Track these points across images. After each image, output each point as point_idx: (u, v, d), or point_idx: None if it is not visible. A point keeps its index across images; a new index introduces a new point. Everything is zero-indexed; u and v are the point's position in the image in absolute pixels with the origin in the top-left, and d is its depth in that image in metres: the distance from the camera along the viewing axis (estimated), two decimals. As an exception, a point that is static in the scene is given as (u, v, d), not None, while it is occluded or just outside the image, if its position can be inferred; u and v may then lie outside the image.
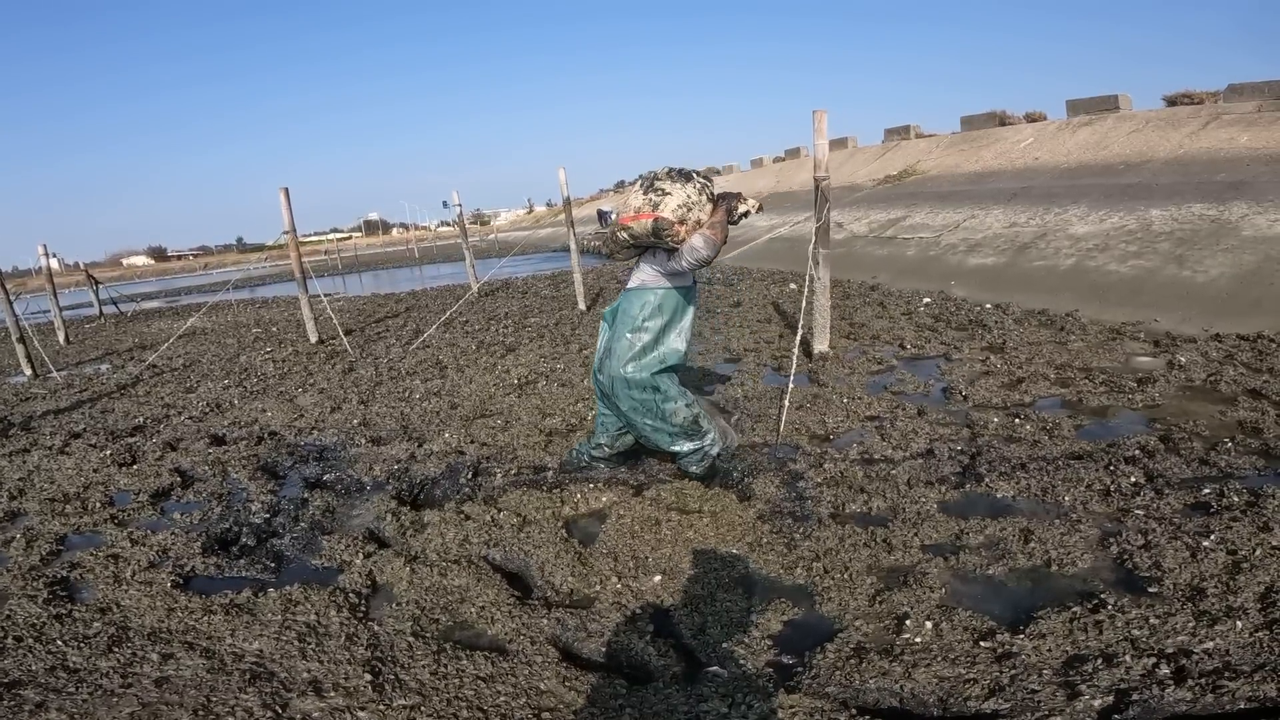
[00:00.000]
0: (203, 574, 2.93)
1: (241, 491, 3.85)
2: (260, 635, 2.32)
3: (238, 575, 2.90)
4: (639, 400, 3.16)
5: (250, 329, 11.33)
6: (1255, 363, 4.26)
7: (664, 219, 2.92)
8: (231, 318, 13.41)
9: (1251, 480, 2.82)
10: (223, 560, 3.01)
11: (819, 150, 4.90)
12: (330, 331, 9.31)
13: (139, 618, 2.56)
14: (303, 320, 9.76)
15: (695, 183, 2.99)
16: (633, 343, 3.14)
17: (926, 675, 1.86)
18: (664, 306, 3.12)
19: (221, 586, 2.76)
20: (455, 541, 2.89)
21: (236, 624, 2.41)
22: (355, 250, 51.59)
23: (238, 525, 3.36)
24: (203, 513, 3.56)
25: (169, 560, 3.03)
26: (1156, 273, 6.15)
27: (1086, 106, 11.33)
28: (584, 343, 6.81)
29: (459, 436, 4.31)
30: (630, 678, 1.99)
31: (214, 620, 2.46)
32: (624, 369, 3.14)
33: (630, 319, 3.15)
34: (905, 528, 2.67)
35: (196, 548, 3.10)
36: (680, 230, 2.94)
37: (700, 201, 2.98)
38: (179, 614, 2.53)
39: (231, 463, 4.28)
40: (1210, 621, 1.95)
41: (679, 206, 2.93)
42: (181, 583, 2.83)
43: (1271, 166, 7.15)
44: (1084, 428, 3.58)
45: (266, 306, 15.43)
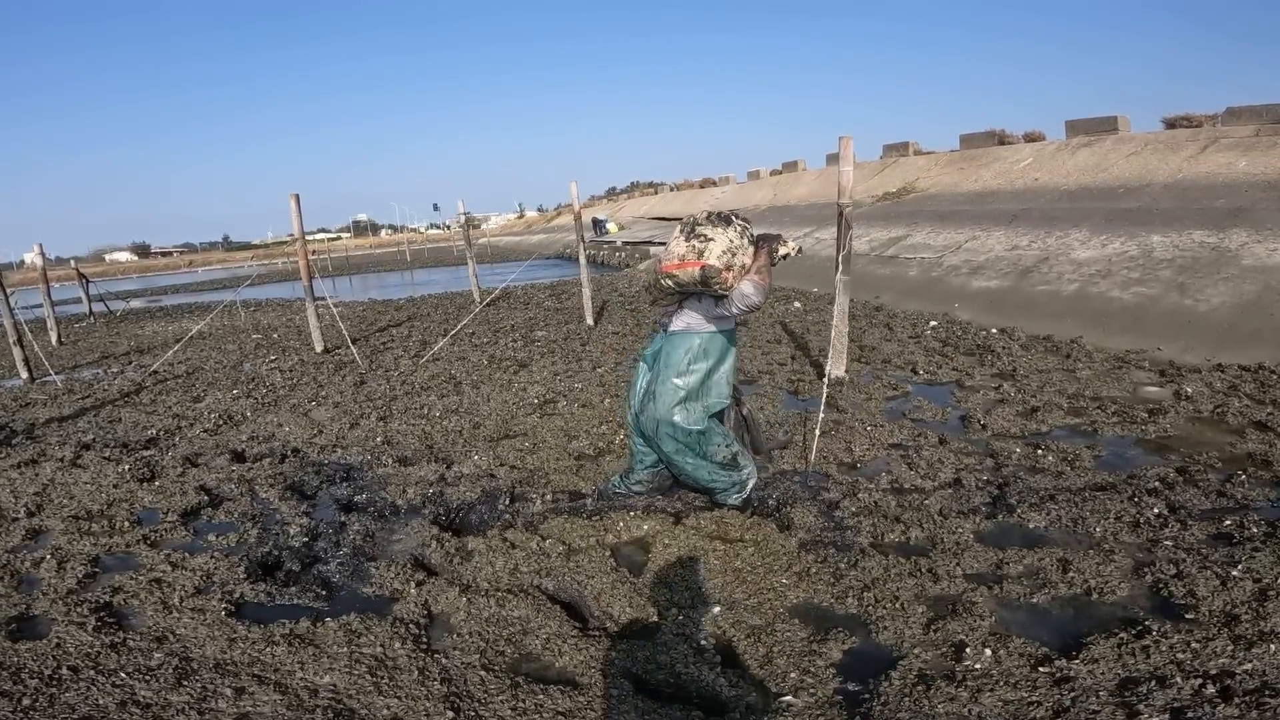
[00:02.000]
0: (253, 601, 2.92)
1: (274, 513, 3.84)
2: (330, 669, 2.34)
3: (290, 603, 2.90)
4: (683, 443, 3.19)
5: (250, 334, 11.26)
6: (1259, 394, 4.43)
7: (712, 266, 2.93)
8: (228, 321, 13.31)
9: (1267, 512, 2.96)
10: (271, 587, 3.01)
11: (844, 178, 5.02)
12: (335, 340, 9.30)
13: (199, 648, 2.54)
14: (305, 327, 9.74)
15: (735, 226, 3.01)
16: (679, 388, 3.16)
17: (992, 699, 1.96)
18: (709, 350, 3.15)
19: (276, 615, 2.76)
20: (505, 570, 2.93)
21: (303, 656, 2.42)
22: (346, 252, 51.21)
23: (278, 549, 3.36)
24: (239, 535, 3.56)
25: (215, 586, 3.01)
26: (1159, 300, 6.35)
27: (1085, 127, 11.61)
28: (596, 360, 6.88)
29: (487, 459, 4.35)
30: (706, 709, 2.06)
31: (278, 651, 2.46)
32: (671, 414, 3.16)
33: (675, 363, 3.17)
34: (947, 557, 2.76)
35: (241, 573, 3.10)
36: (728, 277, 2.95)
37: (743, 245, 3.00)
38: (240, 644, 2.52)
39: (258, 481, 4.29)
40: (1247, 645, 2.09)
41: (724, 252, 2.95)
42: (235, 610, 2.82)
43: (1270, 192, 7.39)
44: (1102, 458, 3.71)
45: (263, 310, 15.32)
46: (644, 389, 3.34)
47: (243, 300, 16.44)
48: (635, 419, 3.42)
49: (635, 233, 26.22)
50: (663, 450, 3.27)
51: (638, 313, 9.89)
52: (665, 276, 3.08)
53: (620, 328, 8.68)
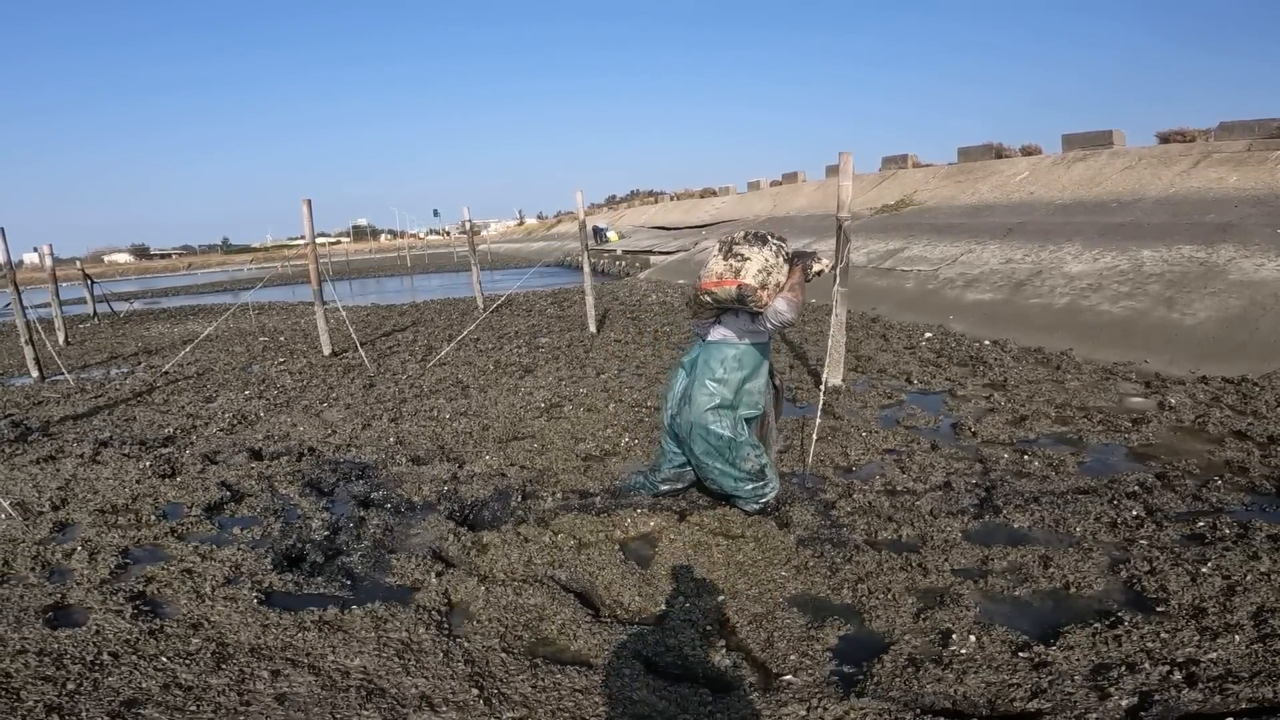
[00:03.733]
0: (281, 590, 3.07)
1: (295, 508, 4.01)
2: (360, 653, 2.49)
3: (317, 593, 3.04)
4: (714, 446, 3.32)
5: (257, 337, 11.42)
6: (1240, 405, 4.62)
7: (748, 285, 3.09)
8: (233, 324, 13.46)
9: (1240, 514, 3.15)
10: (298, 577, 3.16)
11: (844, 191, 5.22)
12: (341, 344, 9.46)
13: (234, 634, 2.67)
14: (313, 330, 9.90)
15: (771, 245, 3.17)
16: (714, 393, 3.31)
17: (976, 681, 2.14)
18: (744, 361, 3.30)
19: (305, 603, 2.90)
20: (520, 562, 3.10)
21: (334, 641, 2.57)
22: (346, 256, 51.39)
23: (302, 542, 3.51)
24: (263, 529, 3.71)
25: (244, 576, 3.16)
26: (1147, 314, 6.55)
27: (1081, 141, 11.82)
28: (599, 366, 7.06)
29: (498, 459, 4.53)
30: (713, 687, 2.23)
31: (309, 637, 2.60)
32: (705, 419, 3.30)
33: (711, 371, 3.32)
34: (936, 554, 2.94)
35: (268, 564, 3.25)
36: (763, 295, 3.11)
37: (778, 264, 3.16)
38: (273, 630, 2.67)
39: (277, 478, 4.45)
40: (1212, 635, 2.26)
41: (759, 271, 3.10)
42: (265, 599, 2.96)
43: (1259, 208, 7.60)
44: (1086, 464, 3.90)
45: (267, 313, 15.48)
46: (680, 393, 3.49)
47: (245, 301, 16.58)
48: (670, 421, 3.56)
49: (635, 241, 26.45)
50: (694, 452, 3.40)
51: (639, 321, 10.08)
52: (704, 294, 3.25)
53: (622, 335, 8.86)
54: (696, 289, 3.30)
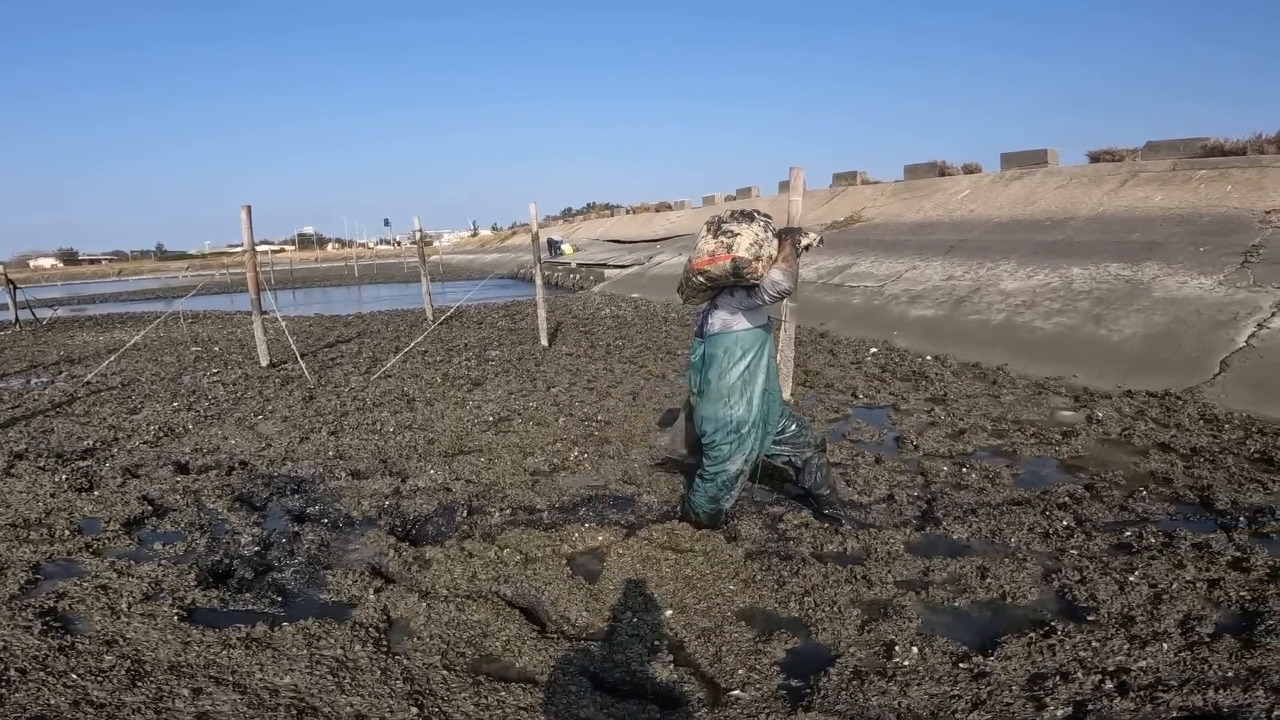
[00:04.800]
0: (205, 607, 2.95)
1: (223, 523, 3.85)
2: (290, 670, 2.40)
3: (244, 609, 2.93)
4: (720, 440, 3.28)
5: (189, 346, 10.93)
6: (1164, 418, 4.85)
7: (742, 258, 3.06)
8: (165, 333, 12.86)
9: (1165, 524, 3.29)
10: (224, 594, 3.04)
11: (794, 207, 5.31)
12: (280, 354, 9.14)
13: (152, 651, 2.57)
14: (251, 340, 9.55)
15: (759, 221, 3.15)
16: (722, 384, 3.26)
17: (919, 693, 2.16)
18: (747, 346, 3.24)
19: (230, 620, 2.79)
20: (464, 577, 3.02)
21: (261, 658, 2.47)
22: (290, 265, 49.89)
23: (229, 558, 3.38)
24: (186, 544, 3.56)
25: (165, 592, 3.03)
26: (1077, 330, 6.85)
27: (1018, 160, 12.33)
28: (550, 380, 6.99)
29: (443, 473, 4.41)
30: (660, 703, 2.20)
31: (235, 654, 2.50)
32: (715, 408, 3.27)
33: (718, 363, 3.27)
34: (879, 566, 2.98)
35: (191, 580, 3.11)
36: (758, 266, 3.08)
37: (767, 238, 3.13)
38: (195, 648, 2.56)
39: (204, 492, 4.26)
40: (1142, 644, 2.34)
41: (752, 244, 3.07)
42: (186, 616, 2.85)
43: (1183, 227, 8.04)
44: (1020, 476, 4.03)
45: (201, 322, 14.85)
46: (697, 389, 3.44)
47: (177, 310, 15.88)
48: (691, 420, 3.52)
49: (590, 255, 26.44)
50: (703, 434, 3.35)
51: (592, 335, 10.04)
52: (697, 274, 3.20)
53: (574, 349, 8.81)
54: (689, 270, 3.25)
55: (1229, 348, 5.67)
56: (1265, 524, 3.19)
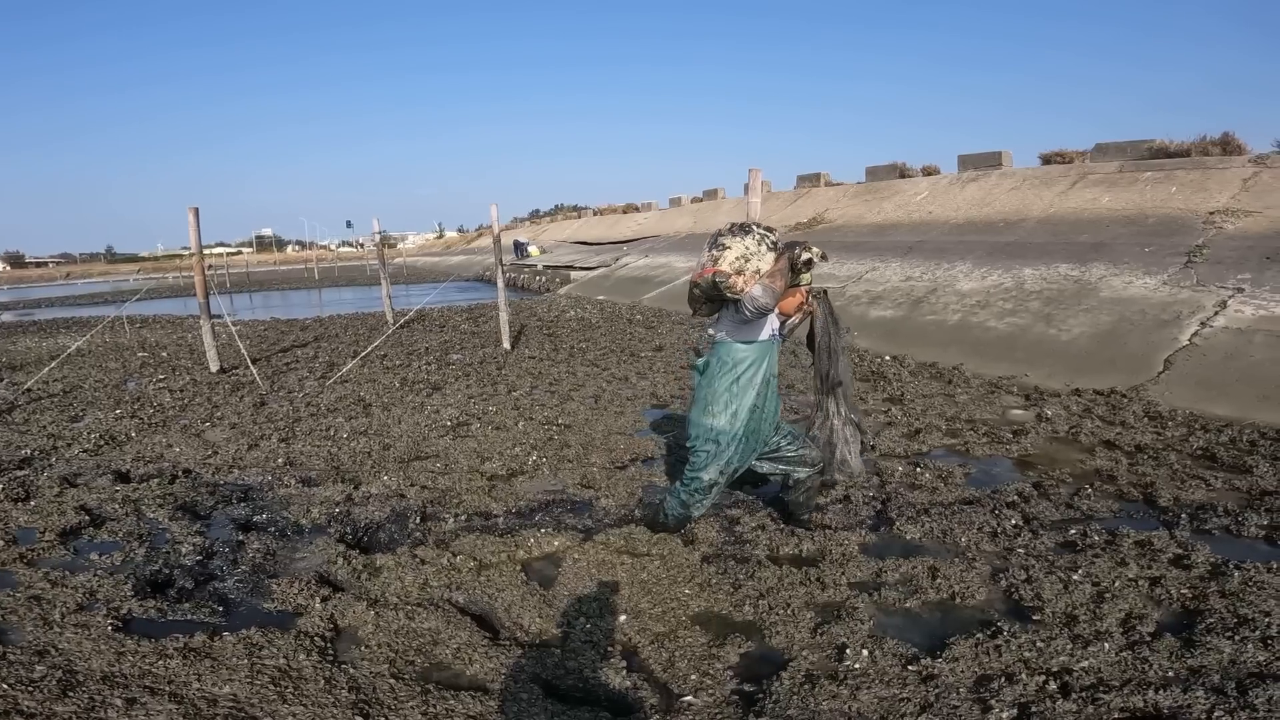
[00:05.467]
0: (141, 617, 2.86)
1: (163, 532, 3.73)
2: (230, 680, 2.33)
3: (183, 619, 2.85)
4: (699, 446, 3.25)
5: (135, 352, 10.56)
6: (1110, 416, 4.99)
7: (721, 271, 3.05)
8: (111, 338, 12.41)
9: (1109, 522, 3.36)
10: (162, 604, 2.95)
11: (753, 208, 5.32)
12: (232, 359, 8.89)
13: (84, 661, 2.49)
14: (199, 346, 9.27)
15: (754, 234, 3.12)
16: (714, 392, 3.23)
17: (869, 696, 2.16)
18: (739, 360, 3.21)
19: (168, 630, 2.72)
20: (415, 585, 2.96)
21: (199, 668, 2.40)
22: (246, 268, 48.65)
23: (169, 567, 3.29)
24: (124, 554, 3.45)
25: (100, 603, 2.94)
26: (1028, 330, 7.02)
27: (975, 162, 12.57)
28: (511, 384, 6.91)
29: (397, 480, 4.32)
30: (613, 710, 2.17)
31: (171, 664, 2.44)
32: (698, 414, 3.26)
33: (710, 371, 3.27)
34: (834, 567, 2.99)
35: (127, 590, 3.03)
36: (737, 281, 3.04)
37: (759, 251, 3.09)
38: (130, 658, 2.49)
39: (145, 501, 4.12)
40: (1084, 644, 2.36)
41: (736, 259, 3.06)
42: (121, 626, 2.77)
43: (1128, 227, 8.30)
44: (972, 475, 4.09)
45: (150, 327, 14.36)
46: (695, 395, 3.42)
47: (128, 316, 15.34)
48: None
49: (557, 256, 26.32)
50: (686, 439, 3.34)
51: (556, 337, 9.97)
52: (694, 286, 3.23)
53: (537, 352, 8.73)
54: (690, 283, 3.28)
55: (1173, 346, 5.86)
56: (1206, 521, 3.28)
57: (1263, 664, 2.19)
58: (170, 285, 33.54)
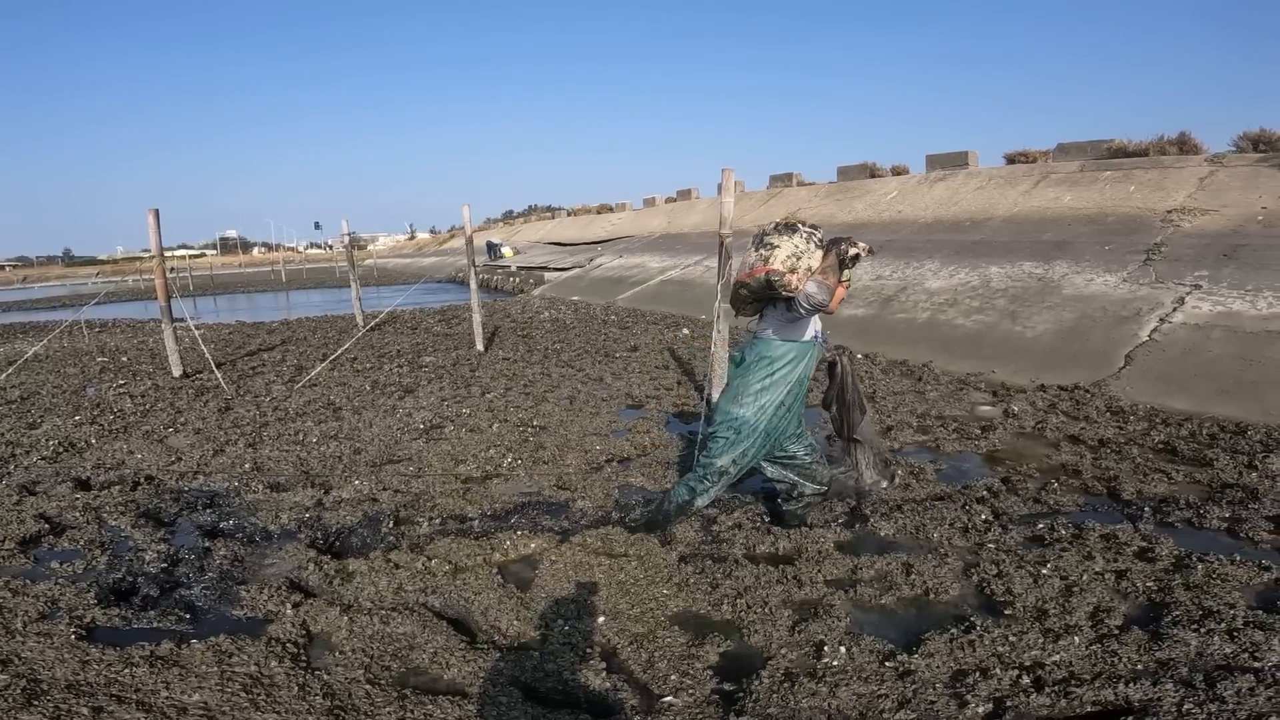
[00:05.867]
0: (106, 626, 2.81)
1: (126, 540, 3.65)
2: (199, 688, 2.28)
3: (149, 627, 2.80)
4: (720, 433, 3.31)
5: (95, 357, 10.25)
6: (1074, 411, 5.11)
7: (775, 270, 3.08)
8: (69, 343, 12.03)
9: (1075, 516, 3.44)
10: (126, 612, 2.89)
11: (725, 208, 5.35)
12: (196, 364, 8.68)
13: (48, 670, 2.44)
14: (161, 350, 9.04)
15: (802, 233, 3.16)
16: (746, 383, 3.30)
17: (847, 693, 2.17)
18: (777, 357, 3.27)
19: (134, 638, 2.66)
20: (389, 590, 2.92)
21: (167, 676, 2.36)
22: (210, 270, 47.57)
23: (133, 575, 3.22)
24: (86, 562, 3.38)
25: (62, 611, 2.87)
26: (994, 328, 7.16)
27: (942, 162, 12.78)
28: (485, 385, 6.85)
29: (369, 484, 4.26)
30: (593, 712, 2.16)
31: (138, 672, 2.39)
32: (724, 401, 3.32)
33: (747, 363, 3.33)
34: (810, 565, 3.01)
35: (91, 598, 2.96)
36: (791, 279, 3.08)
37: (809, 249, 3.13)
38: (95, 666, 2.44)
39: (107, 509, 4.02)
40: (1055, 637, 2.39)
41: (788, 257, 3.09)
42: (86, 635, 2.70)
43: (1089, 226, 8.49)
44: (942, 471, 4.16)
45: (110, 331, 13.96)
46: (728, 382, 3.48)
47: (86, 320, 14.89)
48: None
49: (531, 257, 26.16)
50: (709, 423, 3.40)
51: (530, 339, 9.91)
52: (740, 286, 3.25)
53: (511, 354, 8.67)
54: (735, 283, 3.31)
55: (1133, 342, 6.02)
56: (1169, 514, 3.36)
57: (1229, 656, 2.23)
58: (130, 288, 32.64)
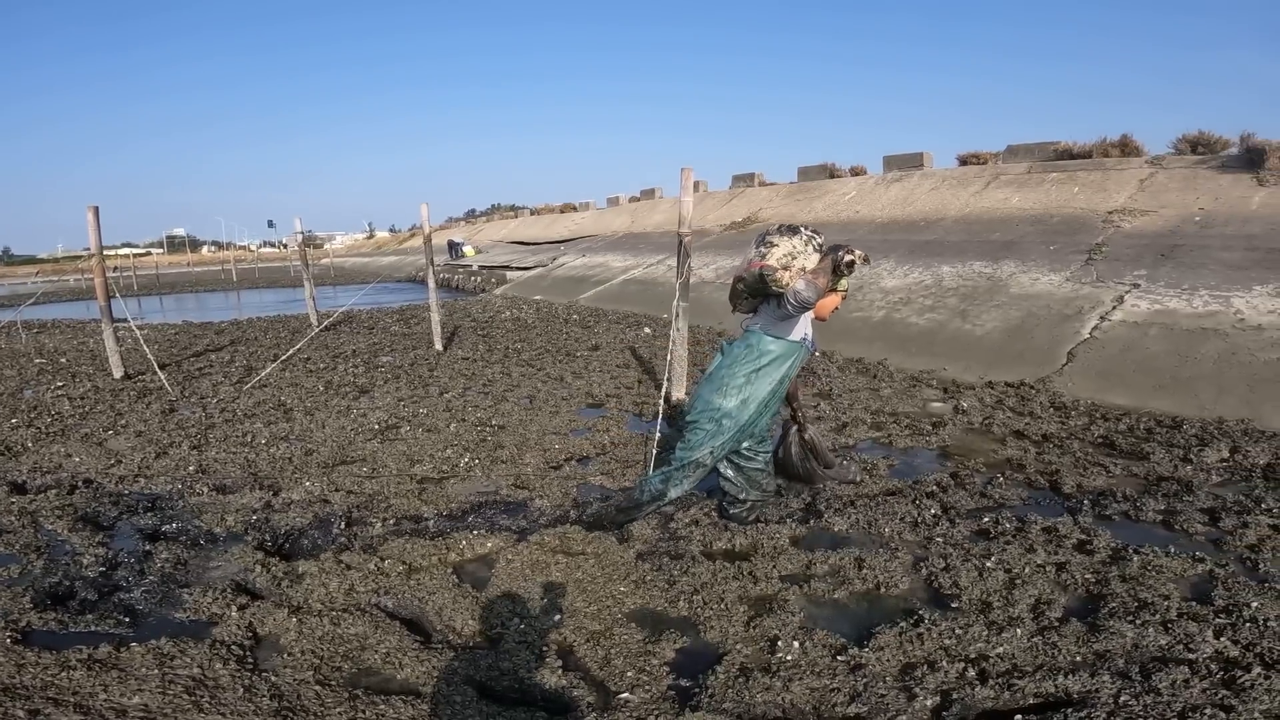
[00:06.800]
0: (42, 629, 2.72)
1: (63, 544, 3.51)
2: (140, 690, 2.22)
3: (87, 630, 2.72)
4: (700, 424, 3.34)
5: (32, 358, 9.79)
6: (1019, 407, 5.27)
7: (769, 266, 3.16)
8: (6, 344, 11.48)
9: (1019, 509, 3.53)
10: (64, 615, 2.80)
11: (684, 207, 5.37)
12: (138, 365, 8.37)
13: None
14: (102, 351, 8.69)
15: (802, 235, 3.24)
16: (732, 374, 3.33)
17: (801, 687, 2.20)
18: (764, 352, 3.31)
19: (72, 642, 2.59)
20: (340, 591, 2.87)
21: (106, 679, 2.30)
22: (156, 269, 45.91)
23: (70, 579, 3.11)
24: (21, 567, 3.25)
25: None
26: (946, 325, 7.34)
27: (898, 163, 13.07)
28: (444, 385, 6.76)
29: (321, 485, 4.16)
30: (550, 709, 2.15)
31: (75, 675, 2.32)
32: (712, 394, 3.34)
33: (734, 354, 3.37)
34: (765, 561, 3.04)
35: (26, 602, 2.86)
36: (784, 276, 3.14)
37: (805, 251, 3.21)
38: (31, 670, 2.36)
39: (43, 513, 3.86)
40: (999, 630, 2.44)
41: (784, 255, 3.18)
42: (21, 639, 2.61)
43: (1035, 226, 8.77)
44: (894, 467, 4.24)
45: (48, 332, 13.36)
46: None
47: (24, 321, 14.23)
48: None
49: (493, 256, 25.88)
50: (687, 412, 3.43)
51: (490, 338, 9.82)
52: (737, 281, 3.34)
53: (471, 353, 8.57)
54: (734, 279, 3.38)
55: (1075, 339, 6.24)
56: (1107, 507, 3.48)
57: (1164, 648, 2.29)
58: (70, 288, 31.33)
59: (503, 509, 3.79)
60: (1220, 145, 9.03)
